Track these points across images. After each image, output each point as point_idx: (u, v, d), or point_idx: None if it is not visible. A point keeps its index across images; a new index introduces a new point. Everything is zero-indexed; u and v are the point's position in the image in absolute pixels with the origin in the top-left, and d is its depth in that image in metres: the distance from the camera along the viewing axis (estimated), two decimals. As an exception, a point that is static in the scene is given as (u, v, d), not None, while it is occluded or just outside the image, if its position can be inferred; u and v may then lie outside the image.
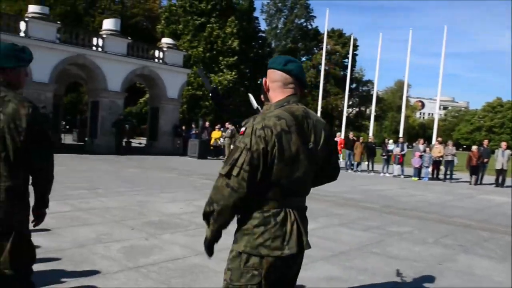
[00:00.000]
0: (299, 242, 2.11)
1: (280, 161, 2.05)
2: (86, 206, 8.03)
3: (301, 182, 2.17)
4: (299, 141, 2.10)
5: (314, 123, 2.22)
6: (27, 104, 2.55)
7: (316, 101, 44.01)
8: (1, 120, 2.47)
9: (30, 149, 2.53)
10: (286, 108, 2.15)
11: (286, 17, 54.63)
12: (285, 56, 2.30)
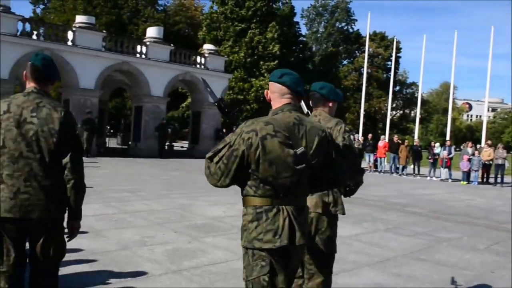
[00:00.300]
0: (290, 236, 2.26)
1: (264, 161, 2.25)
2: (130, 208, 8.14)
3: (291, 182, 2.30)
4: (285, 144, 2.28)
5: (307, 129, 2.38)
6: (60, 109, 2.73)
7: (358, 104, 43.37)
8: (36, 123, 2.64)
9: (62, 150, 2.68)
10: (278, 115, 2.37)
11: (327, 21, 54.16)
12: (282, 70, 2.54)
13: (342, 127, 3.08)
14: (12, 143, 2.64)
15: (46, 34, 19.46)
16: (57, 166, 2.70)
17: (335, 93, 3.33)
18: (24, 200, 2.63)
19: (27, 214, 2.64)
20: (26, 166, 2.64)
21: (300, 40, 46.40)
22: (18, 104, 2.69)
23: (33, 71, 2.79)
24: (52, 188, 2.70)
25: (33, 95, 2.74)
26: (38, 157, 2.65)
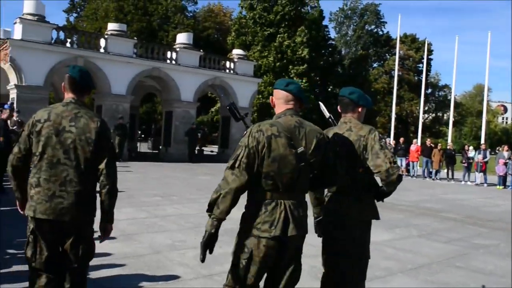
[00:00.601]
0: (284, 228, 2.56)
1: (268, 157, 2.57)
2: (161, 212, 8.22)
3: (290, 178, 2.61)
4: (287, 144, 2.61)
5: (307, 131, 2.71)
6: (96, 119, 2.95)
7: (389, 107, 42.80)
8: (74, 132, 2.85)
9: (97, 158, 2.89)
10: (281, 119, 2.71)
11: (356, 24, 53.67)
12: (287, 79, 2.89)
13: (376, 134, 3.06)
14: (51, 149, 2.84)
15: (79, 42, 19.90)
16: (91, 172, 2.90)
17: (364, 98, 3.28)
18: (58, 203, 2.81)
19: (61, 216, 2.81)
20: (62, 172, 2.83)
21: (329, 43, 46.10)
22: (57, 113, 2.90)
23: (71, 83, 3.02)
24: (85, 193, 2.89)
25: (71, 105, 2.97)
26: (74, 164, 2.84)
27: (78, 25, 44.57)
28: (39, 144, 2.86)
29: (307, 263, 5.37)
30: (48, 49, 18.27)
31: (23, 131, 2.99)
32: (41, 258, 2.89)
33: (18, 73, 17.60)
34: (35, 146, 2.88)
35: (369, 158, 2.98)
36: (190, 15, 50.69)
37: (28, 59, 17.66)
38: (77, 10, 50.39)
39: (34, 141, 2.89)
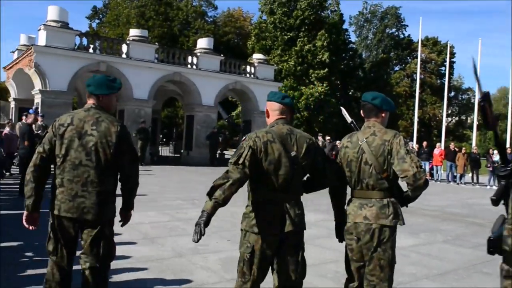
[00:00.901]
0: (281, 224, 2.88)
1: (265, 160, 2.89)
2: (184, 216, 8.23)
3: (285, 180, 2.91)
4: (281, 148, 2.92)
5: (297, 137, 3.03)
6: (116, 123, 3.16)
7: (411, 110, 42.31)
8: (96, 136, 3.04)
9: (119, 160, 3.11)
10: (274, 127, 3.04)
11: (376, 27, 53.21)
12: (281, 93, 3.28)
13: (401, 139, 3.05)
14: (73, 152, 3.03)
15: (102, 48, 20.18)
16: (112, 174, 3.13)
17: (387, 103, 3.25)
18: (81, 203, 3.00)
19: (83, 215, 3.01)
20: (84, 173, 3.02)
21: (350, 47, 45.79)
22: (80, 118, 3.10)
23: (89, 90, 3.26)
24: (106, 194, 3.08)
25: (92, 110, 3.17)
26: (95, 166, 3.03)
27: (100, 31, 45.24)
28: (62, 147, 3.04)
29: (329, 269, 5.31)
30: (72, 55, 18.57)
31: (47, 133, 3.16)
32: (62, 253, 3.09)
33: (43, 79, 17.93)
34: (58, 148, 3.05)
35: (395, 163, 2.95)
36: (210, 20, 50.98)
37: (52, 64, 17.98)
38: (99, 16, 51.18)
39: (57, 143, 3.06)
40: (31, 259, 5.17)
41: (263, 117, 24.45)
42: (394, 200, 3.08)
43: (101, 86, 3.23)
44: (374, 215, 3.03)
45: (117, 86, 3.33)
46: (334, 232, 3.37)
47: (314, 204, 10.79)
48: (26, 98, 21.31)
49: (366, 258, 3.08)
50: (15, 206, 8.46)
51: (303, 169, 3.02)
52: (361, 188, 3.13)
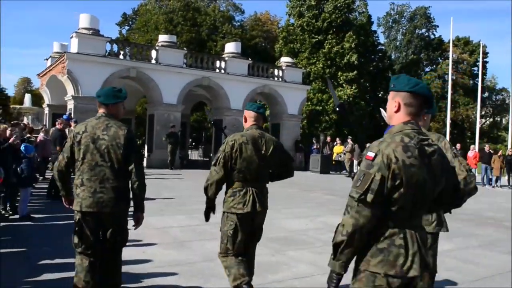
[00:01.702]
0: (253, 206, 3.80)
1: (240, 158, 3.80)
2: (212, 220, 8.18)
3: (256, 173, 3.88)
4: (253, 148, 3.84)
5: (267, 140, 3.96)
6: (123, 127, 3.65)
7: (443, 112, 41.39)
8: (107, 139, 3.55)
9: (128, 159, 3.58)
10: (249, 131, 3.96)
11: (405, 28, 52.35)
12: (258, 104, 4.15)
13: (447, 142, 2.98)
14: (90, 155, 3.54)
15: (132, 54, 20.50)
16: (124, 171, 3.59)
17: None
18: (100, 198, 3.51)
19: (102, 208, 3.51)
20: (100, 172, 3.53)
21: (379, 49, 45.18)
22: (92, 126, 3.62)
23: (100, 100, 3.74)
24: (120, 188, 3.58)
25: (103, 118, 3.67)
26: (109, 165, 3.55)
27: (130, 38, 45.98)
28: (80, 151, 3.56)
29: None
30: (103, 61, 18.93)
31: (66, 142, 3.72)
32: (87, 243, 3.55)
33: (75, 85, 18.33)
34: (77, 153, 3.58)
35: None
36: (237, 25, 51.16)
37: (84, 71, 18.36)
38: (129, 23, 52.00)
39: (76, 149, 3.59)
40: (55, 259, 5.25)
41: (292, 120, 24.66)
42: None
43: (109, 96, 3.73)
44: None
45: (123, 96, 3.81)
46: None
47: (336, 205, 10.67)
48: (59, 104, 21.82)
49: None
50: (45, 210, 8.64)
51: (269, 164, 3.99)
52: None
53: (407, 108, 2.26)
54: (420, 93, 2.25)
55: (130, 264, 5.26)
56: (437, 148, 2.25)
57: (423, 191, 2.13)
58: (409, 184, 2.06)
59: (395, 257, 2.09)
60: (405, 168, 2.06)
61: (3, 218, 7.63)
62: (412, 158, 2.09)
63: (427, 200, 2.20)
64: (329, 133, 30.63)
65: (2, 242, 6.05)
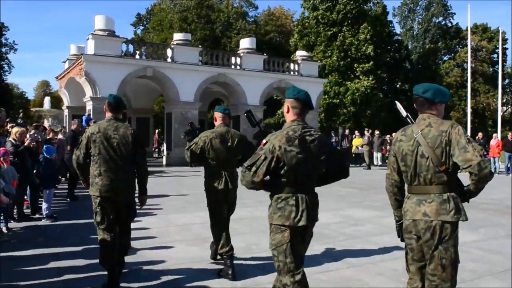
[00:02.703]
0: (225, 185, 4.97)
1: (211, 149, 4.89)
2: (234, 216, 8.15)
3: (226, 161, 4.97)
4: (221, 142, 4.92)
5: (232, 134, 5.04)
6: (130, 128, 4.50)
7: (463, 101, 40.82)
8: (117, 138, 4.33)
9: (135, 153, 4.41)
10: (218, 128, 5.02)
11: (422, 17, 51.59)
12: (223, 106, 5.37)
13: (460, 128, 2.87)
14: (104, 150, 4.30)
15: (147, 53, 20.63)
16: (131, 164, 4.41)
17: (440, 93, 3.03)
18: (116, 185, 4.29)
19: (117, 193, 4.32)
20: (114, 164, 4.30)
21: (395, 39, 44.63)
22: (104, 127, 4.37)
23: (109, 106, 4.52)
24: (129, 177, 4.41)
25: (112, 121, 4.44)
26: (121, 158, 4.33)
27: (145, 37, 46.28)
28: (95, 148, 4.31)
29: (387, 267, 5.15)
30: (119, 61, 19.09)
31: (81, 141, 4.44)
32: (109, 221, 4.33)
33: (93, 86, 18.52)
34: (93, 149, 4.32)
35: (456, 153, 2.77)
36: (251, 20, 51.06)
37: (101, 72, 18.54)
38: (143, 23, 52.31)
39: (92, 146, 4.33)
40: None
41: (309, 115, 24.15)
42: (454, 194, 2.91)
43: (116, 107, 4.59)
44: (434, 211, 2.86)
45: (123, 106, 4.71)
46: (388, 229, 3.23)
47: (368, 200, 10.57)
48: (78, 105, 22.09)
49: (427, 257, 2.93)
50: (67, 210, 8.75)
51: (236, 154, 5.07)
52: (418, 183, 2.96)
53: (293, 110, 3.20)
54: (301, 99, 3.17)
55: (153, 261, 5.29)
56: (317, 137, 3.17)
57: (302, 169, 3.08)
58: (289, 164, 3.04)
59: (289, 213, 3.07)
60: (285, 153, 3.03)
61: (27, 218, 7.75)
62: (292, 146, 3.04)
63: (308, 174, 3.15)
64: (347, 125, 30.40)
65: (29, 242, 6.14)
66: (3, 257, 5.41)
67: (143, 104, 26.13)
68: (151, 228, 7.11)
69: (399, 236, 3.18)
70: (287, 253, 3.08)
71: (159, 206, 9.18)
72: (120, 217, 4.42)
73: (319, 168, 3.27)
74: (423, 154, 2.90)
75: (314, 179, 3.28)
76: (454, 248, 2.91)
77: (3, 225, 6.81)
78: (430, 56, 45.38)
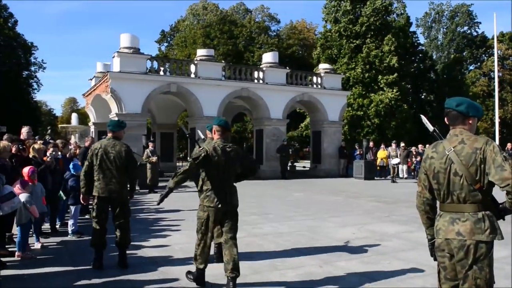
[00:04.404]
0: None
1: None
2: (259, 231, 8.17)
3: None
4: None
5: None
6: (124, 145, 5.81)
7: (491, 111, 39.99)
8: (114, 153, 5.67)
9: (128, 165, 5.74)
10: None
11: (446, 27, 50.99)
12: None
13: (495, 145, 2.79)
14: (103, 163, 5.66)
15: (171, 69, 20.86)
16: (124, 172, 5.73)
17: (474, 108, 2.96)
18: (110, 187, 5.63)
19: (111, 194, 5.64)
20: (110, 173, 5.65)
21: (419, 49, 44.18)
22: (105, 144, 5.73)
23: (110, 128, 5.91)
24: (122, 183, 5.73)
25: (111, 140, 5.81)
26: (115, 169, 5.66)
27: (169, 54, 46.97)
28: (97, 161, 5.65)
29: (415, 283, 5.01)
30: (144, 78, 19.34)
31: (88, 154, 5.83)
32: (100, 217, 5.70)
33: (118, 103, 18.79)
34: (95, 162, 5.66)
35: (492, 172, 2.69)
36: (273, 34, 51.34)
37: (126, 89, 18.81)
38: (167, 39, 53.14)
39: (94, 159, 5.68)
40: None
41: (333, 127, 24.38)
42: (490, 213, 2.82)
43: (115, 126, 5.94)
44: (468, 231, 2.78)
45: (124, 126, 5.98)
46: (416, 244, 3.14)
47: (394, 215, 10.37)
48: (104, 122, 22.42)
49: (460, 276, 2.83)
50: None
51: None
52: (451, 201, 2.88)
53: (217, 132, 4.93)
54: (221, 125, 4.94)
55: (176, 278, 5.25)
56: (234, 149, 4.86)
57: (222, 169, 4.72)
58: (215, 164, 4.67)
59: (213, 199, 4.70)
60: (213, 158, 4.66)
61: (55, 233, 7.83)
62: (217, 152, 4.70)
63: (227, 173, 4.78)
64: (371, 138, 30.10)
65: (54, 259, 6.20)
66: (28, 274, 5.46)
67: (167, 119, 26.38)
68: (175, 244, 7.10)
69: (432, 255, 3.08)
70: (203, 223, 4.78)
71: (184, 221, 9.19)
72: (116, 215, 5.68)
73: (235, 169, 4.89)
74: (457, 172, 2.82)
75: (232, 176, 4.87)
76: (489, 268, 2.81)
77: (35, 241, 6.91)
78: (455, 66, 44.71)
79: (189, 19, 49.34)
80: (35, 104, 47.74)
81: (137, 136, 17.98)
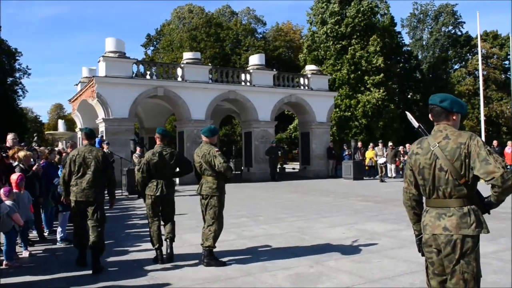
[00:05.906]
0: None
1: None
2: (249, 234, 8.17)
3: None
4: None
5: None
6: (101, 151, 6.28)
7: (476, 109, 40.38)
8: (91, 158, 6.00)
9: (105, 169, 6.10)
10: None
11: (431, 27, 51.46)
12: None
13: (479, 139, 2.80)
14: (81, 168, 5.97)
15: (158, 73, 20.81)
16: (102, 176, 6.04)
17: (458, 104, 2.99)
18: (86, 191, 5.91)
19: (88, 198, 5.91)
20: (87, 176, 5.95)
21: (405, 50, 44.53)
22: (82, 150, 6.09)
23: (85, 135, 6.35)
24: (99, 187, 6.01)
25: (88, 146, 6.20)
26: (92, 173, 5.95)
27: (155, 57, 46.76)
28: (75, 166, 6.00)
29: (405, 281, 5.04)
30: (130, 82, 19.26)
31: (66, 162, 6.26)
32: (77, 218, 6.09)
33: (105, 108, 18.68)
34: (73, 167, 6.01)
35: (477, 166, 2.71)
36: (260, 37, 51.40)
37: (112, 93, 18.72)
38: (153, 43, 52.94)
39: (72, 165, 6.02)
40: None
41: (320, 128, 24.47)
42: (475, 207, 2.85)
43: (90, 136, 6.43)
44: (454, 225, 2.80)
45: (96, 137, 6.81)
46: (406, 242, 3.17)
47: (383, 214, 10.44)
48: (91, 127, 22.15)
49: (448, 271, 2.86)
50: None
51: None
52: (437, 197, 2.90)
53: (158, 139, 6.39)
54: (159, 133, 6.41)
55: (167, 283, 5.24)
56: (169, 152, 6.29)
57: (159, 168, 6.17)
58: (153, 165, 6.17)
59: (153, 188, 6.13)
60: (152, 160, 6.17)
61: (42, 241, 7.76)
62: (154, 155, 6.19)
63: (164, 171, 6.23)
64: (360, 138, 30.25)
65: (43, 266, 6.14)
66: (16, 283, 5.40)
67: (155, 123, 26.30)
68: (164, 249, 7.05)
69: (420, 251, 3.11)
70: (149, 208, 6.17)
71: (174, 225, 9.13)
72: (91, 218, 5.92)
73: (171, 168, 6.27)
74: (442, 168, 2.85)
75: (168, 173, 6.25)
76: (476, 262, 2.84)
77: (23, 249, 6.83)
78: (440, 65, 45.11)
79: (174, 23, 49.18)
80: (21, 111, 47.29)
81: (126, 141, 17.90)
